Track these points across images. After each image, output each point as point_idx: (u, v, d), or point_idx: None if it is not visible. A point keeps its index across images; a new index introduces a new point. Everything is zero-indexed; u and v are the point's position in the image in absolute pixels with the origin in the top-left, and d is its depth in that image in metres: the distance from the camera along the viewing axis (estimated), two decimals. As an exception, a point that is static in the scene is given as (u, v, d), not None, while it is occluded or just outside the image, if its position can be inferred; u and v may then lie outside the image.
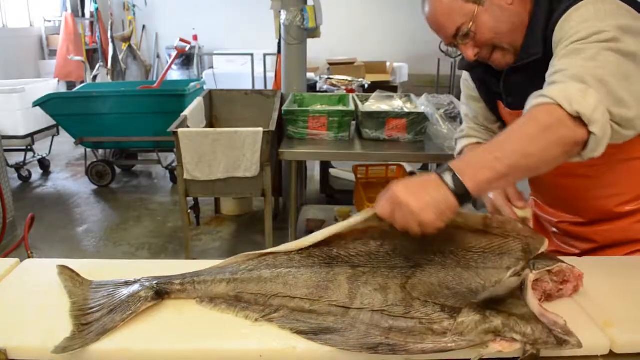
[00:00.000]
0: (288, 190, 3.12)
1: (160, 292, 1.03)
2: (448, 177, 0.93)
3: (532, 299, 0.92)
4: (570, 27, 1.07)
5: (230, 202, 4.15)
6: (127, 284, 1.06)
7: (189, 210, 3.37)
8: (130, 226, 4.05)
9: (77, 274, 1.11)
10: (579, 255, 1.36)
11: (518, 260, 0.98)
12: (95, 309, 1.00)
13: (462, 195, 0.93)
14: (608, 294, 1.07)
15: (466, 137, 1.52)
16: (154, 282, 1.04)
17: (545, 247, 1.02)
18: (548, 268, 0.98)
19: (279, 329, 0.95)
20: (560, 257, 1.05)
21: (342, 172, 4.59)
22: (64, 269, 1.12)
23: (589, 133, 0.94)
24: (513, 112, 1.30)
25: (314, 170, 4.73)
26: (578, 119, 0.94)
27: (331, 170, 4.55)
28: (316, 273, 1.03)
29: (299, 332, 0.93)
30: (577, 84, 0.97)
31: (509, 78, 1.25)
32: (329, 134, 2.97)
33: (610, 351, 0.92)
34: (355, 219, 1.04)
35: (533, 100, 1.00)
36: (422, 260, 1.01)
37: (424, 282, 0.98)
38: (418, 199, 0.92)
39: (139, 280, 1.06)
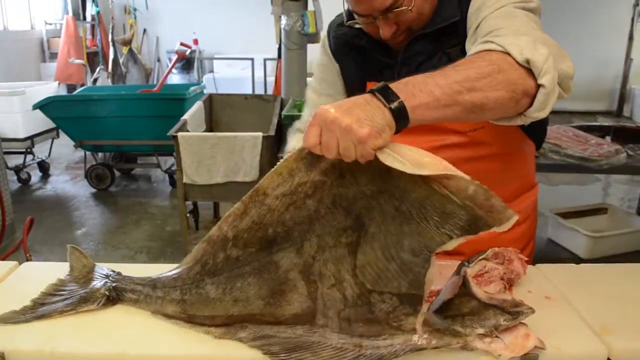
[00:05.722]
0: (287, 195, 3.13)
1: (112, 298, 1.04)
2: (383, 92, 0.80)
3: (476, 289, 0.92)
4: None
5: (229, 206, 4.10)
6: (106, 276, 1.10)
7: (188, 214, 3.36)
8: (129, 230, 4.05)
9: (86, 256, 1.17)
10: None
11: (461, 230, 0.83)
12: (63, 293, 1.04)
13: (399, 114, 0.80)
14: (606, 301, 1.06)
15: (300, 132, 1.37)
16: (113, 285, 1.06)
17: (508, 225, 0.81)
18: (482, 257, 0.99)
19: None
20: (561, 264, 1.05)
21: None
22: (74, 250, 1.18)
23: (538, 87, 0.88)
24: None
25: (314, 175, 4.73)
26: (528, 69, 0.87)
27: (330, 175, 4.54)
28: (264, 278, 0.96)
29: (271, 354, 0.90)
30: (525, 36, 0.91)
31: (411, 47, 1.16)
32: (328, 139, 2.97)
33: (608, 359, 0.92)
34: (279, 163, 0.91)
35: (479, 46, 0.93)
36: (362, 211, 0.89)
37: (370, 255, 0.90)
38: (350, 114, 0.77)
39: (110, 275, 1.10)
